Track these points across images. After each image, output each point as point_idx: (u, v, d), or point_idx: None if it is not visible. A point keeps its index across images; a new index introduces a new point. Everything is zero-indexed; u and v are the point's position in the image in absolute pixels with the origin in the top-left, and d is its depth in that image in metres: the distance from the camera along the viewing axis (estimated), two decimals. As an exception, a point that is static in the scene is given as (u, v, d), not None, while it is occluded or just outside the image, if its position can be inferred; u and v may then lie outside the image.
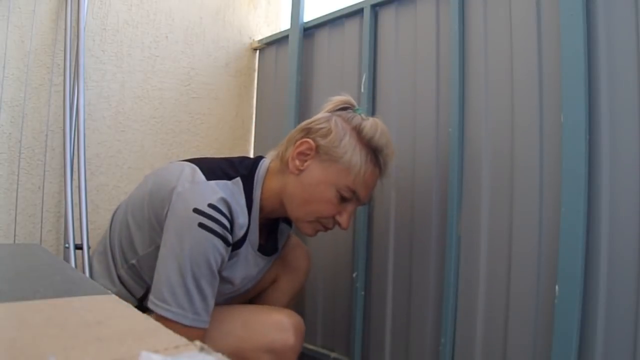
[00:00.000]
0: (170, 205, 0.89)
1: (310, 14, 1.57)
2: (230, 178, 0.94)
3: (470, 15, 1.12)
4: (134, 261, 0.97)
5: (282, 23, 1.87)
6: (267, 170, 1.00)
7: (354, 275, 1.32)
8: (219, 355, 0.33)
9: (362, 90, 1.34)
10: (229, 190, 0.91)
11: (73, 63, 1.39)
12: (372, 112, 1.33)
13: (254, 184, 0.98)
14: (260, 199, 0.98)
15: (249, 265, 1.01)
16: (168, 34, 1.60)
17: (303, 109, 1.54)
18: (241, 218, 0.93)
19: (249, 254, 1.00)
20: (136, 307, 1.00)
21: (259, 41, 1.78)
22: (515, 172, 1.02)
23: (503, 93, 1.06)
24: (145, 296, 0.98)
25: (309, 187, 0.95)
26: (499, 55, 1.07)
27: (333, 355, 1.37)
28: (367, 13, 1.35)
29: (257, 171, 0.99)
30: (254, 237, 0.99)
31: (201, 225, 0.85)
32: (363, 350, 1.31)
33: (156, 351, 0.33)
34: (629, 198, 0.86)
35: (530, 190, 0.99)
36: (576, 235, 0.88)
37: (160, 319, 0.86)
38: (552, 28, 0.97)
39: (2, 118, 1.30)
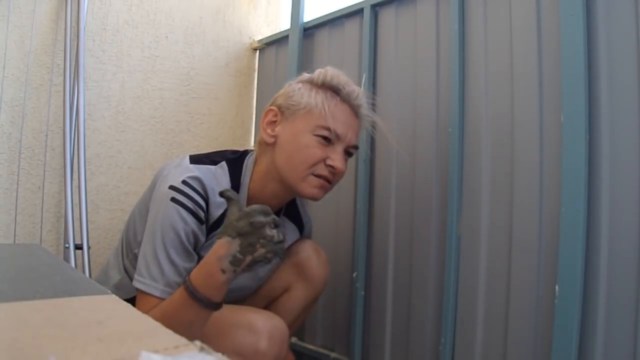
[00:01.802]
0: (155, 187, 0.95)
1: (310, 14, 1.57)
2: (215, 163, 0.98)
3: (470, 15, 1.12)
4: (136, 250, 0.99)
5: (282, 23, 1.87)
6: (255, 158, 1.02)
7: (354, 275, 1.32)
8: (219, 355, 0.33)
9: (362, 90, 1.34)
10: (210, 173, 0.94)
11: (73, 63, 1.39)
12: (372, 112, 1.33)
13: (243, 169, 1.00)
14: (250, 182, 0.99)
15: None
16: (168, 34, 1.60)
17: (303, 109, 1.54)
18: (219, 197, 0.91)
19: None
20: (135, 296, 1.01)
21: (259, 41, 1.78)
22: (515, 172, 1.02)
23: (503, 93, 1.05)
24: None
25: (288, 145, 0.96)
26: (499, 55, 1.07)
27: (333, 355, 1.37)
28: (367, 13, 1.35)
29: (246, 158, 1.02)
30: None
31: (173, 199, 0.89)
32: (363, 350, 1.31)
33: (156, 351, 0.34)
34: (629, 198, 0.86)
35: (530, 190, 0.99)
36: (576, 235, 0.88)
37: (138, 293, 0.90)
38: (552, 28, 0.97)
39: (2, 118, 1.30)
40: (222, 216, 0.94)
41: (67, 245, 1.30)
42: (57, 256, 1.28)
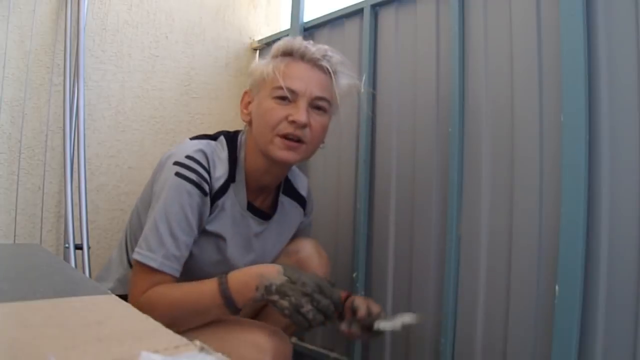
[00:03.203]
0: (159, 170, 0.97)
1: (310, 14, 1.57)
2: (215, 139, 1.02)
3: (470, 15, 1.12)
4: None
5: (282, 23, 1.87)
6: (245, 137, 1.05)
7: (354, 275, 1.32)
8: (219, 355, 0.33)
9: (362, 90, 1.34)
10: (210, 147, 0.98)
11: (73, 63, 1.39)
12: (373, 112, 1.33)
13: (238, 145, 1.03)
14: (245, 158, 1.02)
15: (239, 224, 1.02)
16: (168, 34, 1.60)
17: (303, 109, 1.54)
18: (220, 168, 0.97)
19: (236, 212, 1.01)
20: None
21: (259, 41, 1.78)
22: (515, 172, 1.02)
23: (503, 93, 1.05)
24: None
25: (256, 117, 0.99)
26: (499, 55, 1.07)
27: (333, 355, 1.37)
28: (367, 13, 1.34)
29: (239, 136, 1.05)
30: (242, 195, 1.01)
31: (177, 174, 0.91)
32: (363, 350, 1.31)
33: (156, 351, 0.34)
34: (629, 198, 0.86)
35: (530, 190, 0.99)
36: (576, 235, 0.88)
37: (135, 264, 0.92)
38: (552, 28, 0.97)
39: (2, 118, 1.30)
40: (223, 187, 0.97)
41: (67, 245, 1.30)
42: (57, 256, 1.28)
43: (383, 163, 1.30)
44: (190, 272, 0.96)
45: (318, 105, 0.97)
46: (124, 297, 0.53)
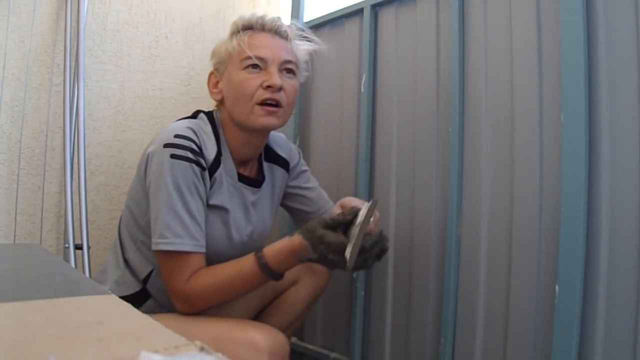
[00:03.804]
0: (149, 154, 0.97)
1: (310, 14, 1.57)
2: (195, 117, 1.05)
3: (470, 15, 1.12)
4: (141, 238, 1.01)
5: (282, 23, 1.87)
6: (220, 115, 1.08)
7: (354, 275, 1.32)
8: (219, 355, 0.33)
9: (362, 90, 1.34)
10: (195, 124, 1.00)
11: (73, 63, 1.39)
12: (373, 112, 1.33)
13: (216, 121, 1.05)
14: (225, 134, 1.04)
15: (235, 195, 1.04)
16: (168, 34, 1.60)
17: (303, 108, 1.54)
18: (209, 143, 0.99)
19: (230, 185, 1.03)
20: (138, 291, 1.01)
21: (259, 41, 1.77)
22: (515, 172, 1.02)
23: (503, 93, 1.05)
24: (148, 277, 1.02)
25: (230, 92, 1.01)
26: (499, 55, 1.07)
27: (333, 355, 1.37)
28: (367, 13, 1.34)
29: (214, 114, 1.07)
30: (230, 167, 1.03)
31: (173, 155, 0.92)
32: (363, 350, 1.31)
33: (156, 351, 0.34)
34: (629, 198, 0.86)
35: (530, 190, 0.99)
36: (576, 235, 0.88)
37: (163, 255, 0.92)
38: (552, 28, 0.97)
39: (2, 118, 1.30)
40: (216, 160, 0.99)
41: (67, 245, 1.30)
42: (57, 256, 1.28)
43: (383, 163, 1.30)
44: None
45: (287, 67, 1.02)
46: (124, 299, 0.53)
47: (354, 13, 1.40)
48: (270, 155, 1.15)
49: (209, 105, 1.70)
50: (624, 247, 0.86)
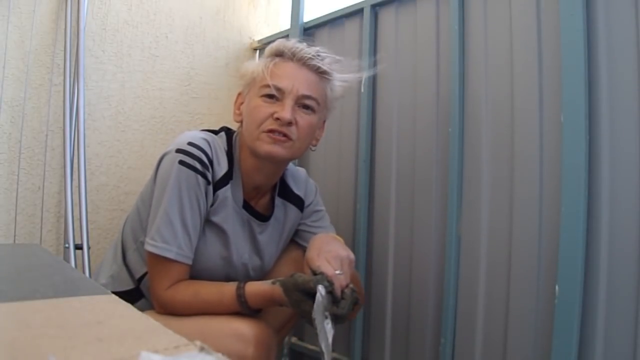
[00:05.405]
0: (163, 156, 0.97)
1: (310, 14, 1.57)
2: (216, 133, 1.04)
3: (470, 14, 1.12)
4: (142, 238, 1.00)
5: (282, 23, 1.87)
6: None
7: (354, 275, 1.32)
8: (219, 355, 0.33)
9: (362, 90, 1.34)
10: (212, 138, 1.00)
11: (73, 63, 1.39)
12: (373, 112, 1.33)
13: (234, 143, 1.04)
14: (239, 157, 1.03)
15: (238, 220, 1.02)
16: (168, 34, 1.60)
17: (303, 109, 1.54)
18: (222, 160, 0.98)
19: (233, 210, 1.01)
20: (132, 289, 1.02)
21: (259, 41, 1.78)
22: (515, 172, 1.02)
23: (503, 93, 1.05)
24: (142, 277, 1.02)
25: (245, 115, 1.01)
26: (499, 55, 1.07)
27: (333, 355, 1.37)
28: (367, 13, 1.34)
29: (234, 135, 1.06)
30: (238, 193, 1.01)
31: (181, 162, 0.92)
32: (363, 350, 1.31)
33: (156, 351, 0.34)
34: (629, 198, 0.86)
35: (530, 190, 0.99)
36: (576, 235, 0.88)
37: (150, 257, 0.94)
38: (552, 28, 0.97)
39: (2, 118, 1.30)
40: (224, 178, 0.97)
41: (67, 245, 1.30)
42: (57, 256, 1.28)
43: (383, 163, 1.30)
44: (193, 268, 0.96)
45: (305, 104, 0.97)
46: (117, 294, 0.53)
47: (354, 13, 1.40)
48: (286, 191, 1.11)
49: (209, 105, 1.71)
50: (623, 247, 0.86)
